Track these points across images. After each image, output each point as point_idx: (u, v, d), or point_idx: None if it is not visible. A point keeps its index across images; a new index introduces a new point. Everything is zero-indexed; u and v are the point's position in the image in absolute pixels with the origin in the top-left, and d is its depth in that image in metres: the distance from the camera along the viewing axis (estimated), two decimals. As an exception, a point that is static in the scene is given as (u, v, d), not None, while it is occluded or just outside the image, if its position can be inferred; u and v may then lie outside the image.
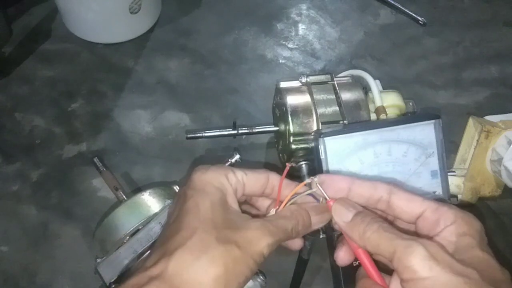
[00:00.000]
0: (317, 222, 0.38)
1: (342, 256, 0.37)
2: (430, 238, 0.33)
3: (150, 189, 0.47)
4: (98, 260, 0.44)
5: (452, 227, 0.32)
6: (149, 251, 0.43)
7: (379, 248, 0.32)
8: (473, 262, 0.30)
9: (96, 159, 0.59)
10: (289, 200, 0.38)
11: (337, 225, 0.36)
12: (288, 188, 0.39)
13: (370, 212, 0.35)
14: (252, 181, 0.38)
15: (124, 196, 0.53)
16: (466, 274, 0.29)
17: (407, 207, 0.34)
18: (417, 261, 0.30)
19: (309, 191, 0.38)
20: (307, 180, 0.38)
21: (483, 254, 0.31)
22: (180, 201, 0.36)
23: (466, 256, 0.31)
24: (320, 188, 0.37)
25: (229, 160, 0.49)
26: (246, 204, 0.40)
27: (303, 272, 0.51)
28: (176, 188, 0.49)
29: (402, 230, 0.35)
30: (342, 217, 0.36)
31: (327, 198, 0.37)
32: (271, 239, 0.34)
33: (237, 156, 0.49)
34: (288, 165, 0.37)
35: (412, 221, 0.34)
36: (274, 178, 0.38)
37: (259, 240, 0.33)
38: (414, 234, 0.35)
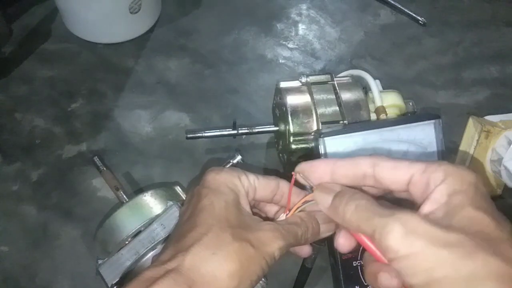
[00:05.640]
0: (325, 230, 0.38)
1: (343, 243, 0.35)
2: (422, 201, 0.30)
3: (151, 190, 0.46)
4: (100, 262, 0.44)
5: (442, 187, 0.30)
6: (154, 251, 0.43)
7: (361, 229, 0.31)
8: (464, 225, 0.28)
9: (96, 158, 0.59)
10: (298, 207, 0.38)
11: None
12: (297, 196, 0.39)
13: (349, 190, 0.33)
14: (263, 186, 0.38)
15: (125, 196, 0.52)
16: (452, 242, 0.27)
17: (393, 176, 0.32)
18: (395, 240, 0.28)
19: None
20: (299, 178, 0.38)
21: (476, 212, 0.28)
22: (194, 200, 0.36)
23: (456, 218, 0.28)
24: (304, 179, 0.36)
25: (231, 161, 0.49)
26: (255, 209, 0.40)
27: (306, 280, 0.51)
28: (178, 189, 0.48)
29: (396, 201, 0.33)
30: (323, 203, 0.34)
31: (313, 186, 0.36)
32: (282, 242, 0.34)
33: (238, 157, 0.49)
34: (294, 174, 0.37)
35: (404, 189, 0.32)
36: (284, 185, 0.39)
37: (271, 242, 0.34)
38: (410, 203, 0.33)
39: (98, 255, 0.45)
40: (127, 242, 0.43)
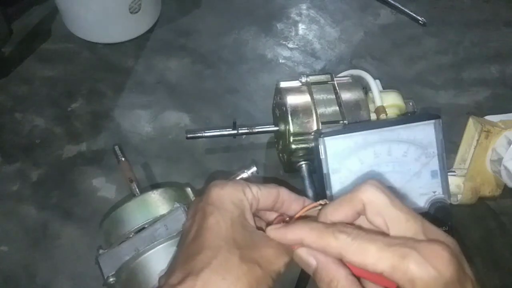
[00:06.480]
0: None
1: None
2: None
3: (162, 188, 0.47)
4: (100, 251, 0.44)
5: None
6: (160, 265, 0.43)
7: None
8: None
9: (116, 148, 0.59)
10: (299, 217, 0.38)
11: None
12: (297, 203, 0.39)
13: (324, 273, 0.33)
14: (265, 196, 0.38)
15: (137, 190, 0.52)
16: None
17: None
18: None
19: (318, 207, 0.38)
20: (320, 202, 0.38)
21: None
22: (199, 217, 0.36)
23: None
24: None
25: (245, 171, 0.48)
26: (256, 217, 0.40)
27: (305, 286, 0.51)
28: (189, 190, 0.48)
29: None
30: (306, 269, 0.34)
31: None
32: (287, 258, 0.34)
33: (253, 169, 0.48)
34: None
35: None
36: (284, 193, 0.39)
37: (277, 259, 0.34)
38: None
39: (102, 244, 0.46)
40: (130, 236, 0.44)
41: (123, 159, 0.57)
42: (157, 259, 0.42)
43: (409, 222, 0.31)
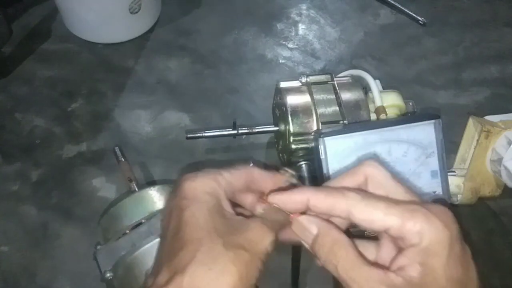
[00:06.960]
0: None
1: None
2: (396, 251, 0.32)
3: (159, 185, 0.47)
4: (98, 247, 0.45)
5: (417, 249, 0.30)
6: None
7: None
8: None
9: (116, 148, 0.59)
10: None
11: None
12: (270, 179, 0.39)
13: (326, 238, 0.34)
14: (237, 178, 0.37)
15: (136, 188, 0.53)
16: None
17: (368, 226, 0.32)
18: None
19: (289, 179, 0.39)
20: (280, 171, 0.38)
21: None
22: (175, 213, 0.35)
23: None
24: (279, 209, 0.36)
25: None
26: (237, 208, 0.40)
27: (299, 260, 0.50)
28: None
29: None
30: (305, 241, 0.35)
31: (290, 214, 0.36)
32: (272, 235, 0.34)
33: (250, 166, 0.48)
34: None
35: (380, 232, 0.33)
36: (255, 171, 0.39)
37: (262, 239, 0.33)
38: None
39: (100, 240, 0.46)
40: (127, 232, 0.44)
41: (122, 159, 0.58)
42: (153, 254, 0.42)
43: (408, 194, 0.33)
